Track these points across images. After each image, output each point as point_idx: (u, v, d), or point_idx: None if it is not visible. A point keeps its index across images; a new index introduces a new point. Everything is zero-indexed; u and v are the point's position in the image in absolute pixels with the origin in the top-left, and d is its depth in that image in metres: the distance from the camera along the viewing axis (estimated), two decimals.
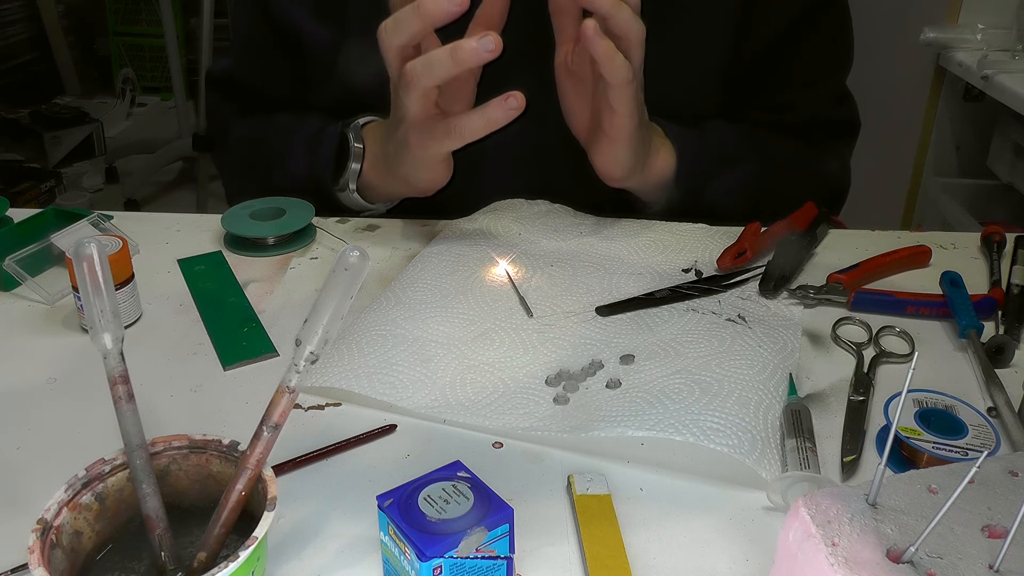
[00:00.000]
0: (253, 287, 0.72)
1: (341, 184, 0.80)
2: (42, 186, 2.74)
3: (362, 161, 0.79)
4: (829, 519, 0.36)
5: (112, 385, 0.42)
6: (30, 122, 2.98)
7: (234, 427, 0.56)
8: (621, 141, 0.71)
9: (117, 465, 0.43)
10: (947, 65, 1.64)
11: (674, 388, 0.55)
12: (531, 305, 0.67)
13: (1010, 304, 0.67)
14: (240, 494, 0.42)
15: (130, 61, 3.59)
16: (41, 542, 0.39)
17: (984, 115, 1.69)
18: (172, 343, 0.65)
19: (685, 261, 0.73)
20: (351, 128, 0.79)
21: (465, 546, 0.40)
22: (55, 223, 0.76)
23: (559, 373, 0.59)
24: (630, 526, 0.48)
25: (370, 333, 0.62)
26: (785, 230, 0.76)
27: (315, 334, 0.41)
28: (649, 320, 0.65)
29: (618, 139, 0.71)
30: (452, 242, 0.75)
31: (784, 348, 0.61)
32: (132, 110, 3.46)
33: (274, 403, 0.42)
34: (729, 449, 0.50)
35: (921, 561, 0.34)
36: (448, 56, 0.63)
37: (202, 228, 0.82)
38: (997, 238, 0.77)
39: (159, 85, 3.58)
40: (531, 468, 0.52)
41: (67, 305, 0.69)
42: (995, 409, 0.57)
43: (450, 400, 0.56)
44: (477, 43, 0.61)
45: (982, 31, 1.60)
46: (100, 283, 0.41)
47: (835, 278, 0.70)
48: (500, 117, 0.65)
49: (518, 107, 0.64)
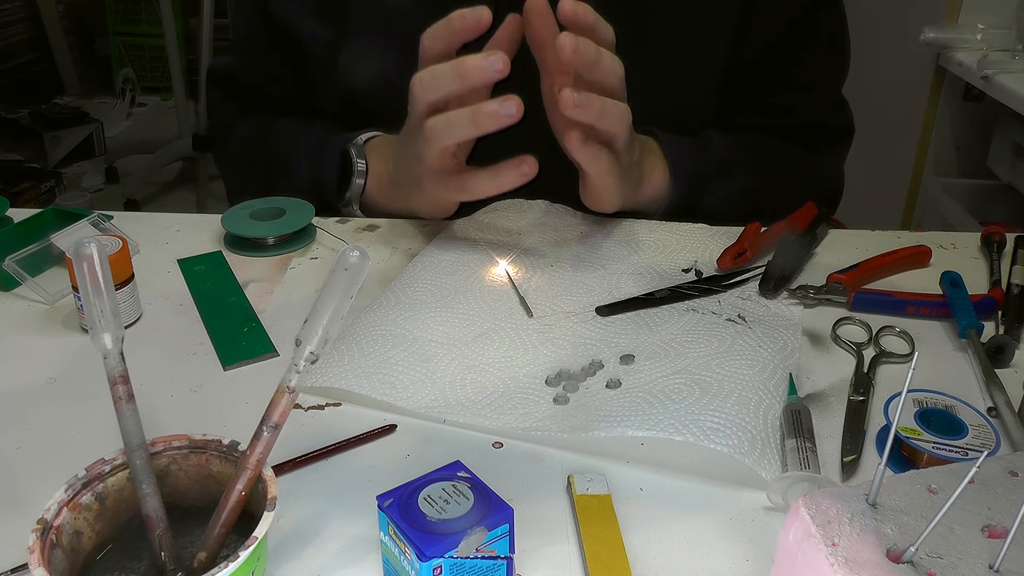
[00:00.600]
0: (253, 287, 0.72)
1: (344, 202, 0.81)
2: (42, 186, 2.74)
3: (365, 179, 0.79)
4: (829, 519, 0.36)
5: (112, 385, 0.42)
6: (30, 122, 2.97)
7: (234, 427, 0.56)
8: (607, 193, 0.73)
9: (117, 465, 0.43)
10: (947, 65, 1.64)
11: (674, 388, 0.55)
12: (531, 305, 0.67)
13: (1010, 304, 0.67)
14: (240, 494, 0.42)
15: (130, 61, 3.59)
16: (41, 542, 0.39)
17: (984, 115, 1.69)
18: (172, 343, 0.65)
19: (685, 261, 0.73)
20: (354, 145, 0.79)
21: (465, 546, 0.40)
22: (55, 223, 0.76)
23: (559, 373, 0.59)
24: (630, 526, 0.48)
25: (370, 333, 0.62)
26: (785, 230, 0.76)
27: (315, 334, 0.41)
28: (649, 320, 0.65)
29: (604, 194, 0.73)
30: (452, 242, 0.75)
31: (784, 348, 0.61)
32: (132, 110, 3.46)
33: (274, 403, 0.42)
34: (729, 449, 0.50)
35: (921, 561, 0.34)
36: (469, 119, 0.64)
37: (202, 228, 0.82)
38: (997, 238, 0.77)
39: (159, 85, 3.58)
40: (531, 468, 0.52)
41: (67, 305, 0.69)
42: (995, 409, 0.57)
43: (450, 400, 0.56)
44: (499, 107, 0.63)
45: (982, 31, 1.60)
46: (100, 283, 0.41)
47: (835, 278, 0.70)
48: (511, 182, 0.68)
49: (529, 173, 0.66)
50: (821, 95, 0.90)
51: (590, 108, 0.64)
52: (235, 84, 0.94)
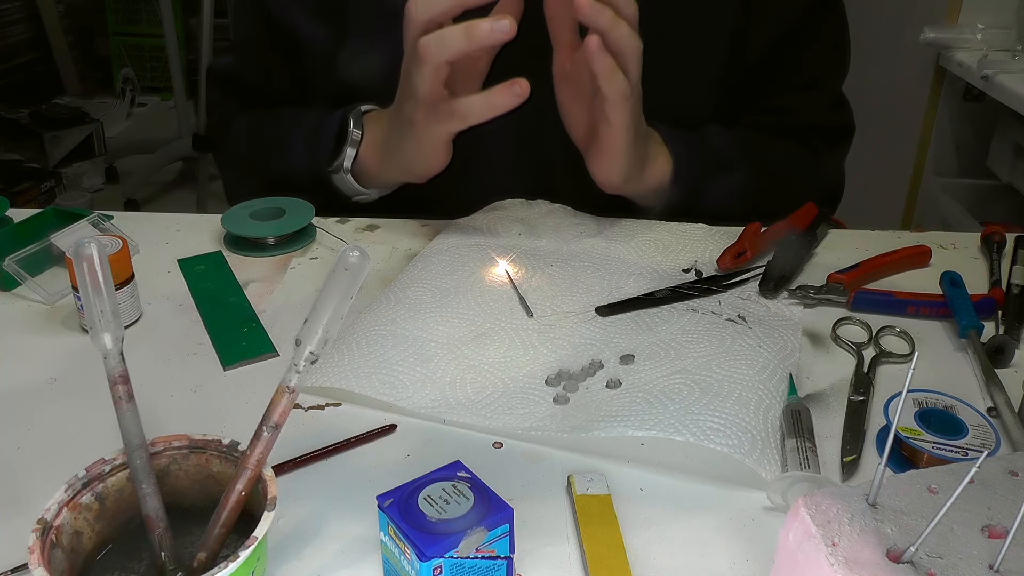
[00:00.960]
0: (253, 287, 0.72)
1: (335, 166, 0.80)
2: (42, 186, 2.74)
3: (358, 147, 0.79)
4: (829, 519, 0.36)
5: (112, 385, 0.42)
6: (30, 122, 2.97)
7: (234, 427, 0.56)
8: (618, 152, 0.72)
9: (117, 465, 0.43)
10: (947, 65, 1.64)
11: (674, 388, 0.55)
12: (531, 305, 0.67)
13: (1010, 304, 0.67)
14: (240, 494, 0.42)
15: (130, 61, 3.59)
16: (41, 542, 0.39)
17: (984, 115, 1.69)
18: (172, 343, 0.65)
19: (685, 261, 0.73)
20: (352, 113, 0.79)
21: (465, 546, 0.40)
22: (55, 223, 0.76)
23: (559, 373, 0.59)
24: (630, 526, 0.48)
25: (370, 333, 0.62)
26: (785, 230, 0.76)
27: (315, 334, 0.41)
28: (649, 320, 0.65)
29: (615, 150, 0.72)
30: (452, 242, 0.75)
31: (784, 348, 0.61)
32: (132, 110, 3.46)
33: (274, 403, 0.42)
34: (729, 449, 0.50)
35: (921, 561, 0.34)
36: (463, 33, 0.64)
37: (202, 228, 0.82)
38: (997, 238, 0.77)
39: (159, 85, 3.58)
40: (531, 468, 0.52)
41: (67, 305, 0.69)
42: (995, 409, 0.57)
43: (450, 400, 0.56)
44: (492, 23, 0.62)
45: (982, 31, 1.60)
46: (100, 283, 0.41)
47: (835, 278, 0.70)
48: (504, 103, 0.65)
49: (522, 94, 0.64)
50: (821, 94, 0.90)
51: (603, 13, 0.64)
52: (235, 84, 0.94)
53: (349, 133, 0.78)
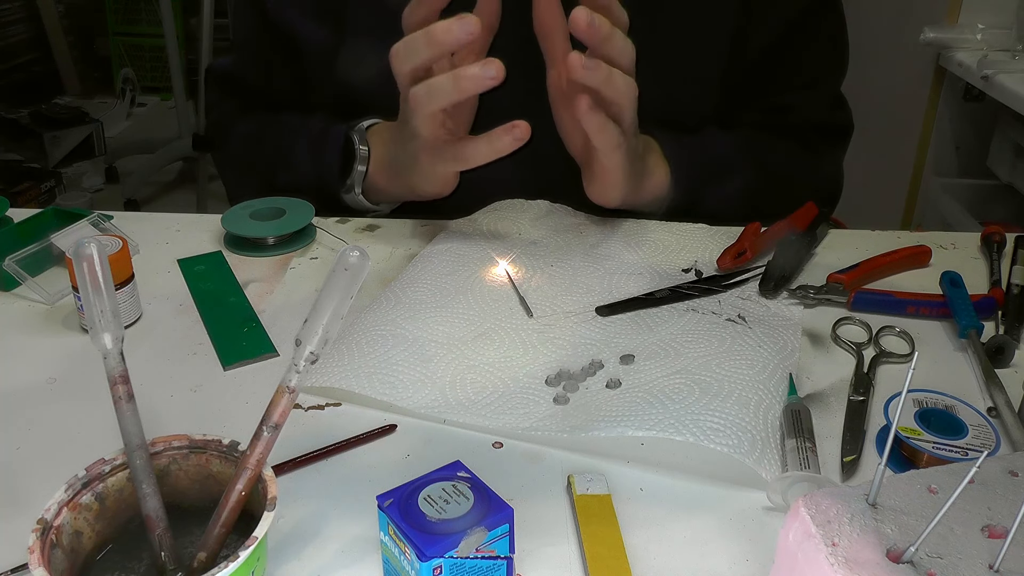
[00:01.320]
0: (253, 287, 0.72)
1: (347, 187, 0.80)
2: (42, 186, 2.74)
3: (367, 164, 0.79)
4: (829, 519, 0.36)
5: (112, 385, 0.42)
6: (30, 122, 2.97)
7: (234, 427, 0.56)
8: (613, 181, 0.73)
9: (117, 465, 0.43)
10: (947, 65, 1.64)
11: (674, 388, 0.55)
12: (531, 305, 0.67)
13: (1010, 304, 0.67)
14: (240, 494, 0.42)
15: (130, 61, 3.59)
16: (41, 542, 0.39)
17: (984, 115, 1.69)
18: (172, 343, 0.65)
19: (685, 261, 0.73)
20: (356, 131, 0.79)
21: (465, 546, 0.40)
22: (55, 223, 0.76)
23: (559, 373, 0.59)
24: (630, 526, 0.48)
25: (370, 333, 0.62)
26: (785, 230, 0.76)
27: (315, 334, 0.41)
28: (649, 320, 0.65)
29: (610, 179, 0.73)
30: (452, 242, 0.75)
31: (784, 348, 0.61)
32: (132, 110, 3.46)
33: (274, 403, 0.42)
34: (729, 449, 0.50)
35: (921, 561, 0.34)
36: (451, 83, 0.64)
37: (202, 228, 0.82)
38: (997, 238, 0.77)
39: (159, 85, 3.58)
40: (531, 468, 0.52)
41: (67, 305, 0.69)
42: (995, 409, 0.57)
43: (450, 400, 0.56)
44: (480, 70, 0.62)
45: (982, 31, 1.60)
46: (100, 283, 0.41)
47: (835, 278, 0.70)
48: (506, 147, 0.67)
49: (522, 137, 0.66)
50: (821, 94, 0.90)
51: (597, 71, 0.63)
52: (235, 84, 0.94)
53: (356, 151, 0.79)
